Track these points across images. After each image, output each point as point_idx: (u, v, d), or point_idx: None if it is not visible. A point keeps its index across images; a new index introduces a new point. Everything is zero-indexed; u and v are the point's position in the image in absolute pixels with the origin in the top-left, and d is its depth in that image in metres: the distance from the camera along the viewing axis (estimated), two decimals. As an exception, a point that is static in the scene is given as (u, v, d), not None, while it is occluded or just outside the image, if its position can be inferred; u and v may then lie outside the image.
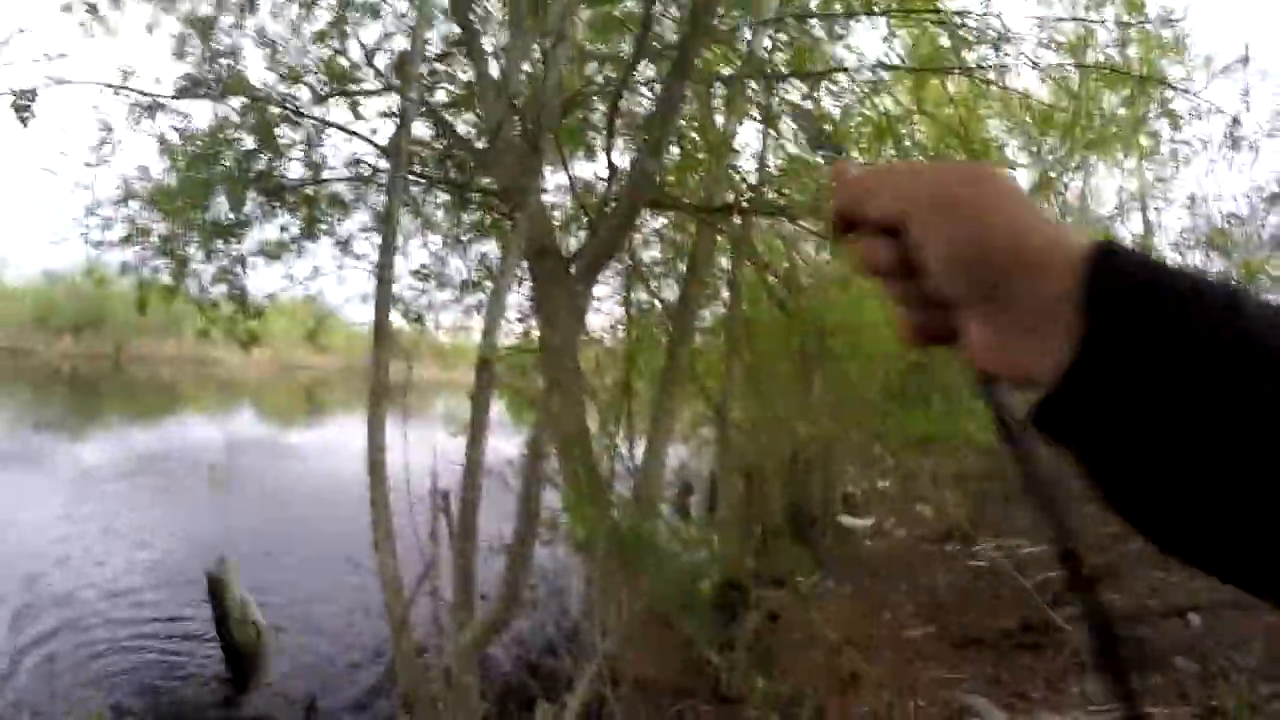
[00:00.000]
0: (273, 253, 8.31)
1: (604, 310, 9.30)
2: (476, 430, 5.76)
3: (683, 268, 8.62)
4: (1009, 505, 9.48)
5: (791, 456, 10.25)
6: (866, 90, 8.27)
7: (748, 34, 7.68)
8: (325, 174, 8.19)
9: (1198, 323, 0.45)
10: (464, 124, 8.08)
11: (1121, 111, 9.38)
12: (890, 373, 9.90)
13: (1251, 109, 8.59)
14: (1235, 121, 8.08)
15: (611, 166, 6.87)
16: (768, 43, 8.09)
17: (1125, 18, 7.76)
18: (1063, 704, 5.62)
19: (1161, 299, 0.47)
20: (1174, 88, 7.85)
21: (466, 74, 7.65)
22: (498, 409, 7.09)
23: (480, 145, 7.42)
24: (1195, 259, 8.53)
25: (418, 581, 5.44)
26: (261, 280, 8.44)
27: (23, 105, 6.70)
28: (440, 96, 8.14)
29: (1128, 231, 9.75)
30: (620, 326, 9.26)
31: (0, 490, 14.28)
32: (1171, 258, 8.75)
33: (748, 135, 9.45)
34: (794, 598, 7.78)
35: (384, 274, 5.89)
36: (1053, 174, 10.38)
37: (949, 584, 8.24)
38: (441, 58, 7.93)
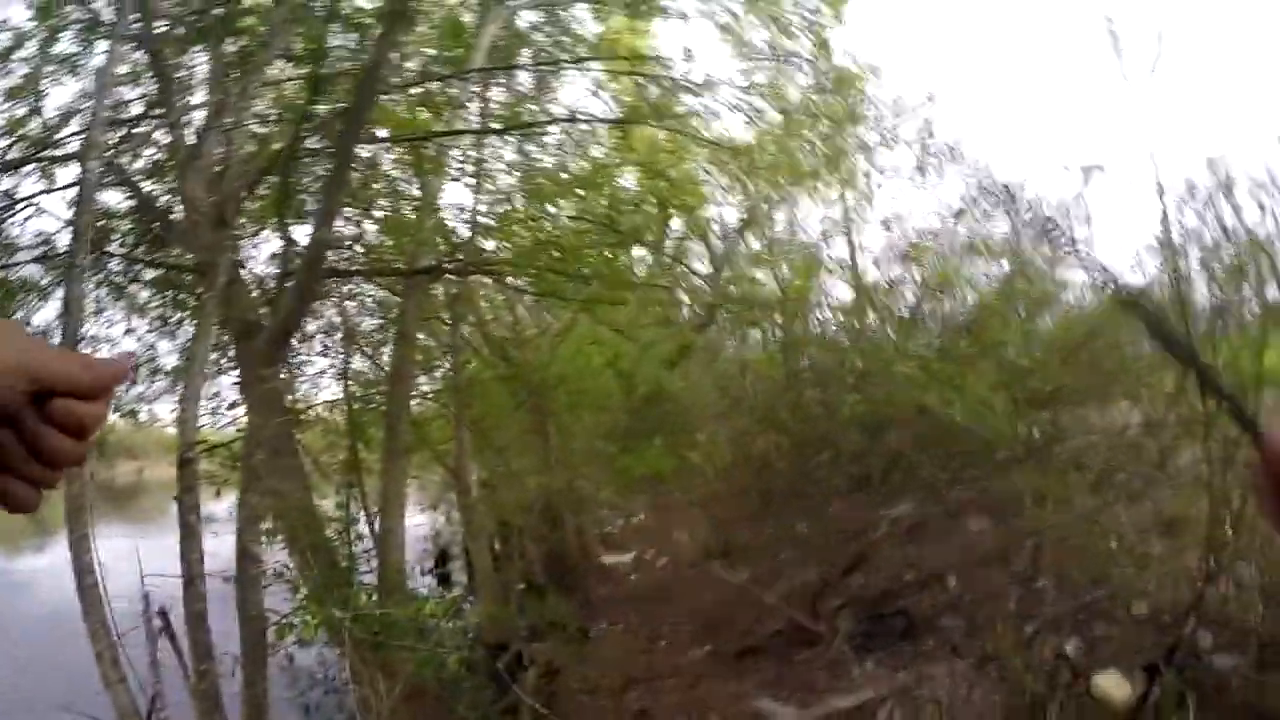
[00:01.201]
0: None
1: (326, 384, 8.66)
2: (188, 535, 5.07)
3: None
4: (755, 521, 9.63)
5: (542, 508, 9.96)
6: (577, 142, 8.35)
7: (454, 89, 7.48)
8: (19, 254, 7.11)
9: None
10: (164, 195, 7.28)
11: (820, 146, 9.96)
12: (615, 417, 9.92)
13: (934, 137, 9.39)
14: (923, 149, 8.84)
15: (286, 239, 6.43)
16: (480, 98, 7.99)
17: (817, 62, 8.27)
18: (846, 687, 5.68)
19: None
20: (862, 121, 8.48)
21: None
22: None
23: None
24: (894, 271, 9.10)
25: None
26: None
27: None
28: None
29: (832, 254, 10.34)
30: (341, 400, 8.64)
31: None
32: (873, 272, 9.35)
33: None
34: (567, 648, 7.44)
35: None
36: (760, 209, 10.91)
37: (716, 601, 8.21)
38: (139, 120, 7.05)
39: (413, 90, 7.50)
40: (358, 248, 8.15)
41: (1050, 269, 8.45)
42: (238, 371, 6.56)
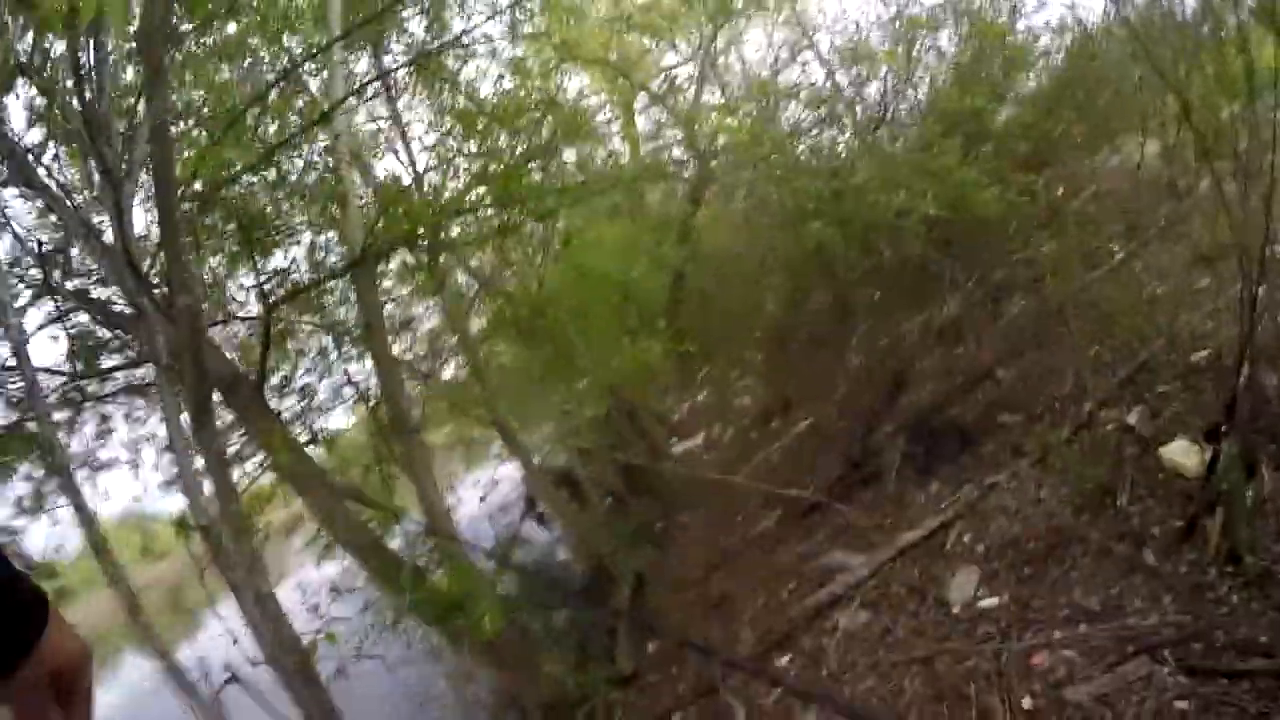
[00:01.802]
0: (31, 508, 7.54)
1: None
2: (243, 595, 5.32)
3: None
4: (802, 367, 9.54)
5: (604, 422, 10.12)
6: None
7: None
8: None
9: None
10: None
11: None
12: (641, 309, 9.90)
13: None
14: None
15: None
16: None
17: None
18: (912, 517, 5.65)
19: None
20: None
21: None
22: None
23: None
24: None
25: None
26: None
27: None
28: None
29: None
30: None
31: None
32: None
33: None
34: (652, 550, 7.63)
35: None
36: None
37: (782, 458, 8.25)
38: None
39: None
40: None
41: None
42: (240, 425, 6.70)
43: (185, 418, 5.75)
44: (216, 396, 6.31)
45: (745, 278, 10.02)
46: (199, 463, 5.80)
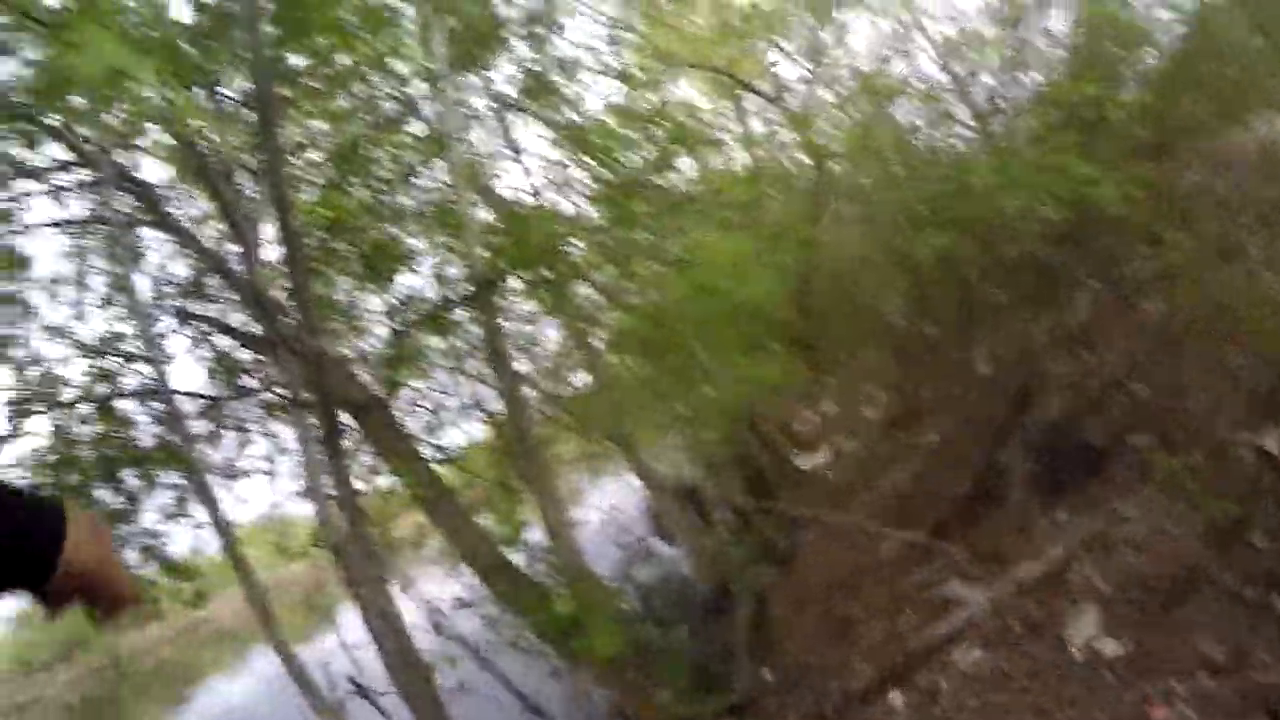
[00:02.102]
0: (173, 513, 8.15)
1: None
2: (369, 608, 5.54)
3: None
4: (937, 369, 9.27)
5: (729, 436, 10.09)
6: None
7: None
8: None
9: None
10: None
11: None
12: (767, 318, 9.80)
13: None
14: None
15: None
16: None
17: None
18: (1034, 546, 5.42)
19: None
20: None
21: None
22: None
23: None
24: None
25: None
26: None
27: None
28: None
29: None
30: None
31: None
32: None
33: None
34: (773, 569, 7.55)
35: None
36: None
37: (905, 476, 8.04)
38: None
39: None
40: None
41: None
42: (371, 445, 6.97)
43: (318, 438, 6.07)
44: (348, 418, 6.63)
45: (867, 284, 9.83)
46: (330, 483, 6.11)
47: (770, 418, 10.96)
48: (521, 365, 9.31)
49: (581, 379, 10.40)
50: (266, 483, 8.44)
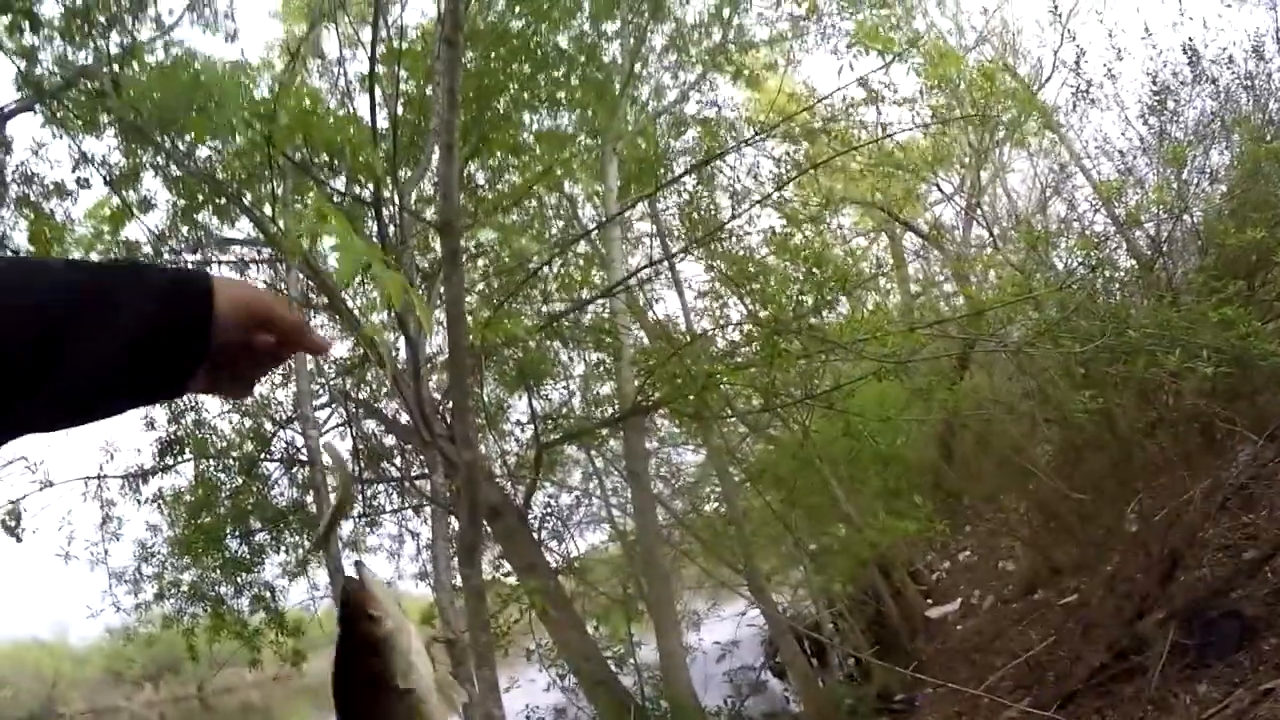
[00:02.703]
0: (294, 572, 8.66)
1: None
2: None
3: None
4: (1083, 527, 8.89)
5: (860, 575, 9.92)
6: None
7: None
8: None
9: None
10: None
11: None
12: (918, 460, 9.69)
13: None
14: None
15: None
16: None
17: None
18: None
19: None
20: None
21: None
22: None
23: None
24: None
25: None
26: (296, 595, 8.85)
27: (11, 525, 7.34)
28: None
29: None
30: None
31: None
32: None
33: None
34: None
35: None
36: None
37: (1040, 637, 7.69)
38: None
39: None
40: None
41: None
42: (498, 544, 7.23)
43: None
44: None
45: (1015, 434, 9.60)
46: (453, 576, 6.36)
47: (903, 563, 10.71)
48: (658, 487, 9.48)
49: (715, 507, 10.46)
50: (386, 560, 8.89)
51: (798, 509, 9.68)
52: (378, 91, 5.70)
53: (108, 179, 6.17)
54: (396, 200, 5.66)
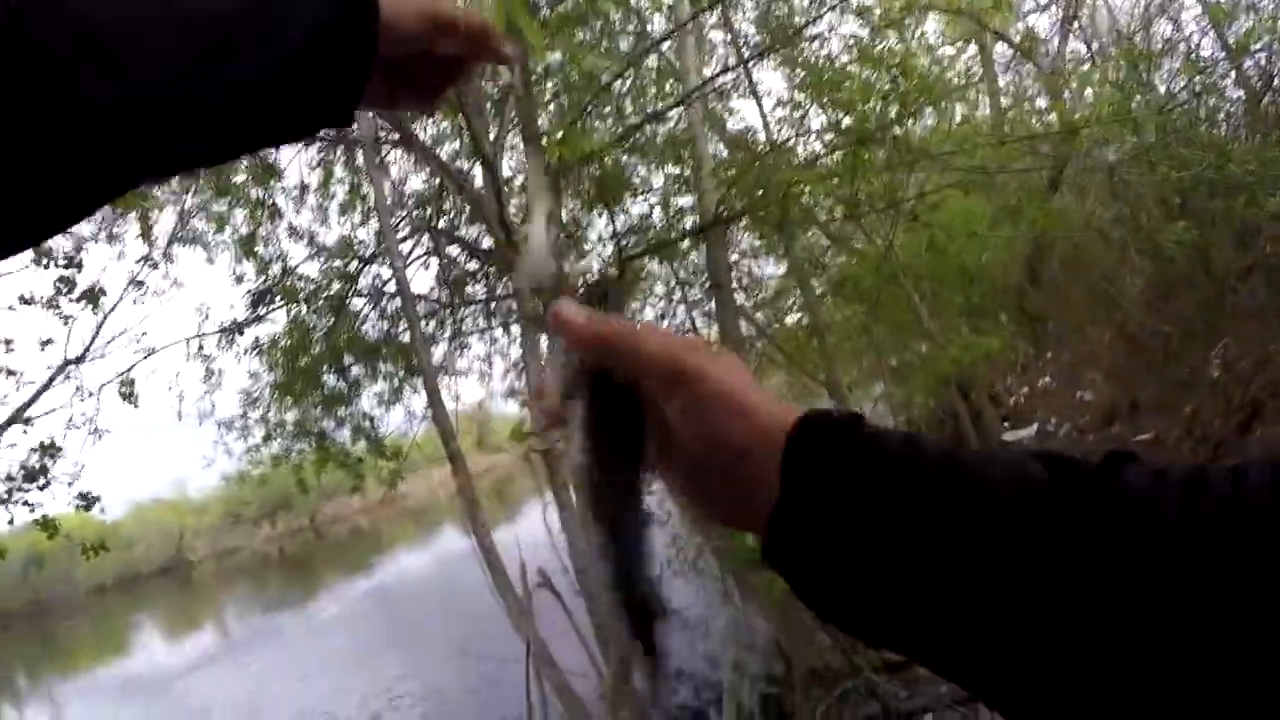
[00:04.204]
0: (389, 399, 9.12)
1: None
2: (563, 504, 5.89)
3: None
4: (1166, 364, 8.68)
5: (938, 394, 9.93)
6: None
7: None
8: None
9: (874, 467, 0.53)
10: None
11: None
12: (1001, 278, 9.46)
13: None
14: None
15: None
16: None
17: None
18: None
19: (846, 446, 0.54)
20: None
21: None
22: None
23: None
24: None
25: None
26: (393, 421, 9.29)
27: (126, 393, 8.20)
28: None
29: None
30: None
31: (271, 671, 15.52)
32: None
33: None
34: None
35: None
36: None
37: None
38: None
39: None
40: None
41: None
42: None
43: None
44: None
45: (1106, 264, 9.30)
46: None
47: (982, 384, 10.66)
48: (740, 299, 9.43)
49: (797, 319, 10.43)
50: (477, 381, 9.12)
51: (880, 323, 9.62)
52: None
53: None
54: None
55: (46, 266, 7.19)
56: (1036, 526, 0.48)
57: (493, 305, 8.97)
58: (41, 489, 7.02)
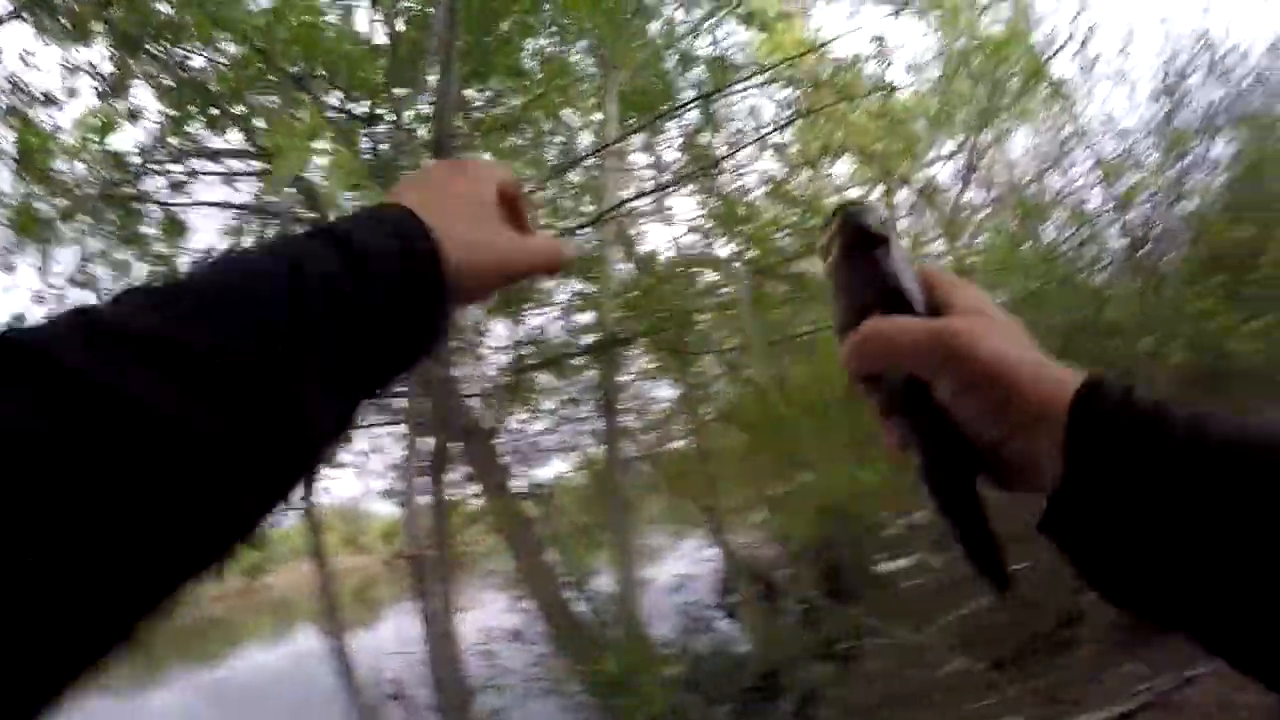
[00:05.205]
0: None
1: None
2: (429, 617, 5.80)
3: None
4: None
5: (817, 523, 10.07)
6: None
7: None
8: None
9: (1152, 438, 0.54)
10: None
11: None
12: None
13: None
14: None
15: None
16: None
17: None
18: (1096, 697, 5.30)
19: (1129, 423, 0.56)
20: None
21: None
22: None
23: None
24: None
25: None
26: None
27: None
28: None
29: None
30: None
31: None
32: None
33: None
34: (827, 669, 7.50)
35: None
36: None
37: (988, 601, 7.87)
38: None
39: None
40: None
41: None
42: (467, 465, 7.30)
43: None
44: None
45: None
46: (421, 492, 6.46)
47: (861, 515, 10.87)
48: (628, 418, 9.53)
49: (683, 443, 10.56)
50: (354, 476, 8.97)
51: (765, 452, 9.78)
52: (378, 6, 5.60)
53: (100, 89, 6.03)
54: (394, 117, 5.59)
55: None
56: None
57: (380, 401, 8.87)
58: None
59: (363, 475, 9.25)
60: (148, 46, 5.46)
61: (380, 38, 6.10)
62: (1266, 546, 0.49)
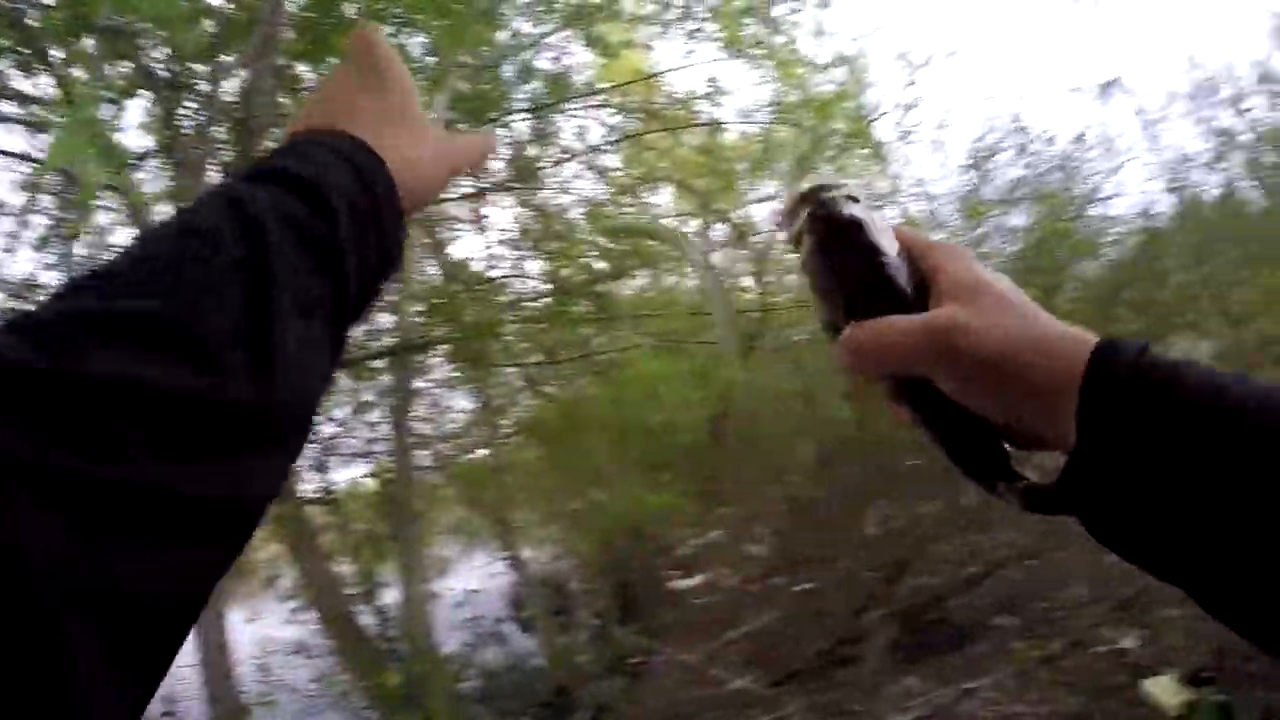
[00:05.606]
0: None
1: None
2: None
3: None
4: (828, 523, 9.40)
5: (610, 539, 10.09)
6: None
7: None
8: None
9: (1170, 402, 0.53)
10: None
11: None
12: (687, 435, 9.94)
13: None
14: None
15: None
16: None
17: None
18: (879, 710, 5.50)
19: (1145, 388, 0.54)
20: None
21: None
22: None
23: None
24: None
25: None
26: None
27: None
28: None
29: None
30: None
31: None
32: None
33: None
34: (618, 684, 7.49)
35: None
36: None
37: (775, 619, 8.08)
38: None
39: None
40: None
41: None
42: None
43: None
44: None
45: (783, 429, 10.02)
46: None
47: (655, 534, 10.99)
48: (423, 426, 9.26)
49: (479, 455, 10.35)
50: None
51: (561, 468, 9.75)
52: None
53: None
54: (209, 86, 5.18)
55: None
56: None
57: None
58: None
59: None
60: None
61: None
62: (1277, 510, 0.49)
